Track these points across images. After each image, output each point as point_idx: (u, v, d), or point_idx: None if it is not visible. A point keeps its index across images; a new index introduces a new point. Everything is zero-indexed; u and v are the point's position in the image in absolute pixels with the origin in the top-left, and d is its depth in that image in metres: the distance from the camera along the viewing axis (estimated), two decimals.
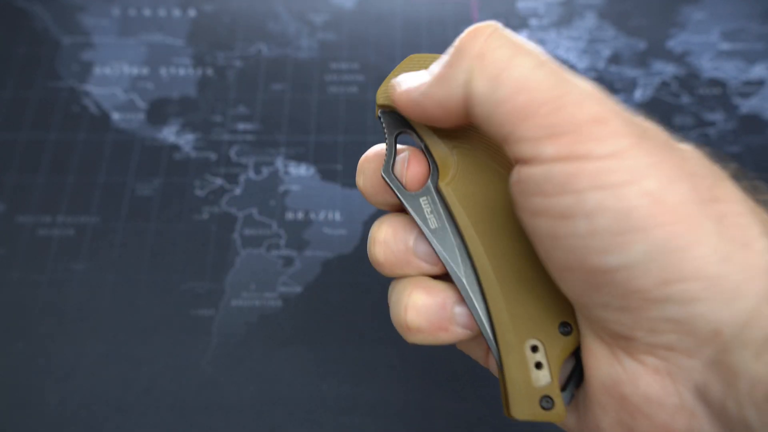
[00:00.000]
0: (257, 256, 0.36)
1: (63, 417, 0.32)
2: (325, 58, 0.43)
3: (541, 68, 0.16)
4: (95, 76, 0.42)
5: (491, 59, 0.17)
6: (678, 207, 0.15)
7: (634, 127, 0.16)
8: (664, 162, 0.15)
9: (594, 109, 0.16)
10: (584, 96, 0.16)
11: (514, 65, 0.16)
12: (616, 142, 0.15)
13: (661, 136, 0.16)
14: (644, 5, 0.46)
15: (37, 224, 0.37)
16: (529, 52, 0.17)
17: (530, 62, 0.16)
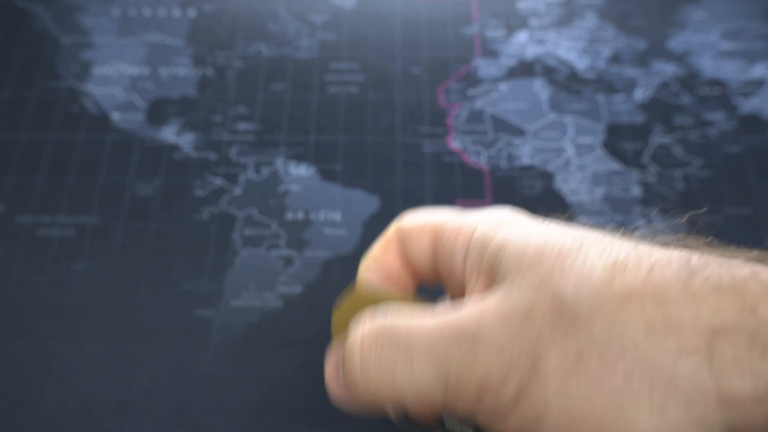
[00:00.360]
0: (257, 256, 0.36)
1: (63, 416, 0.32)
2: (325, 58, 0.43)
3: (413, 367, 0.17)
4: (95, 76, 0.42)
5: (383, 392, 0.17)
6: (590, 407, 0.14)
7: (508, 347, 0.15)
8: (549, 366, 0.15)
9: (473, 375, 0.16)
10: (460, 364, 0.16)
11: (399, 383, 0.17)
12: (508, 390, 0.15)
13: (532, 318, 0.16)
14: (644, 5, 0.46)
15: (37, 224, 0.37)
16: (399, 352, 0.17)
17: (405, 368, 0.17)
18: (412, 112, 0.41)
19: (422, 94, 0.42)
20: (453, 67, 0.43)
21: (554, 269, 0.16)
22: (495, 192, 0.38)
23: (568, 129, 0.41)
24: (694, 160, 0.39)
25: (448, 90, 0.42)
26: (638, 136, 0.40)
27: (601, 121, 0.41)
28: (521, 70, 0.43)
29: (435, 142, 0.40)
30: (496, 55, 0.44)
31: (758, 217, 0.38)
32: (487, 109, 0.41)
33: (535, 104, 0.41)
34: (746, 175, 0.39)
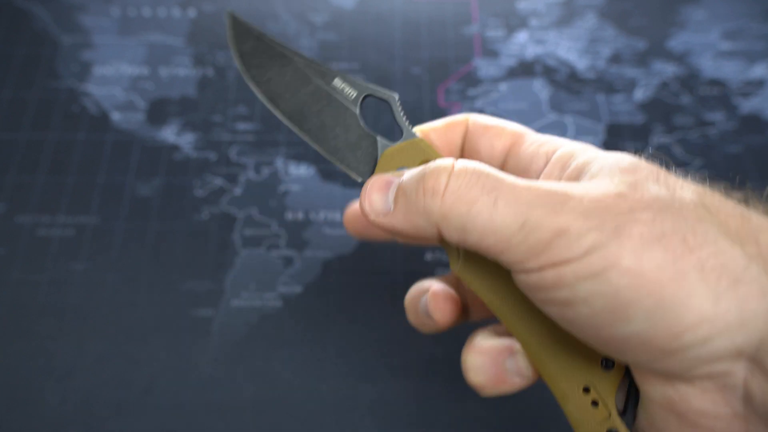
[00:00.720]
0: (257, 256, 0.36)
1: (63, 416, 0.32)
2: (325, 58, 0.43)
3: (495, 206, 0.18)
4: (95, 76, 0.42)
5: (454, 215, 0.19)
6: (657, 273, 0.16)
7: (595, 213, 0.17)
8: (632, 234, 0.17)
9: (553, 222, 0.17)
10: (543, 213, 0.17)
11: (474, 214, 0.18)
12: (583, 242, 0.17)
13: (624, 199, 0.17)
14: (644, 5, 0.46)
15: (37, 224, 0.37)
16: (484, 189, 0.18)
17: (487, 204, 0.18)
18: (412, 112, 0.41)
19: (422, 94, 0.42)
20: (453, 67, 0.43)
21: (648, 178, 0.18)
22: None
23: (568, 129, 0.41)
24: (694, 160, 0.39)
25: (448, 90, 0.42)
26: (638, 136, 0.40)
27: (601, 121, 0.41)
28: (521, 70, 0.43)
29: None
30: (496, 55, 0.44)
31: None
32: (487, 109, 0.41)
33: (535, 104, 0.41)
34: (746, 175, 0.39)
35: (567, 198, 0.18)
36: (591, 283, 0.17)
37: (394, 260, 0.36)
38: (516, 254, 0.18)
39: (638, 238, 0.17)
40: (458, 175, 0.19)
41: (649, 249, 0.16)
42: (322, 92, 0.24)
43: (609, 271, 0.17)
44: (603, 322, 0.17)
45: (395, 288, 0.35)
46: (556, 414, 0.32)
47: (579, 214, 0.17)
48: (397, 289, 0.35)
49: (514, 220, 0.18)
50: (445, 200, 0.19)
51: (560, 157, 0.21)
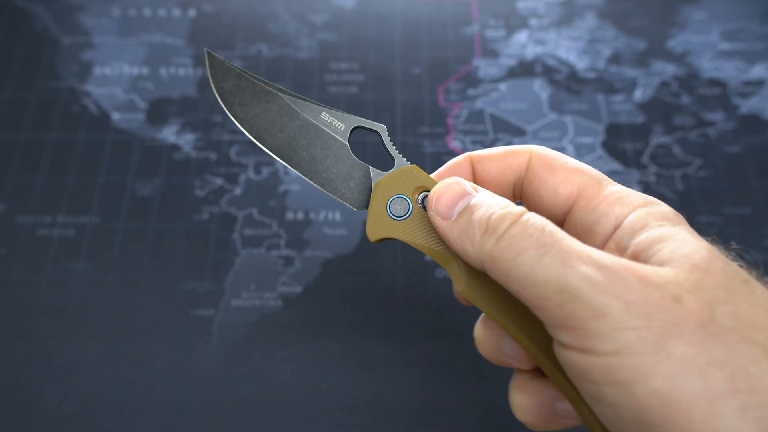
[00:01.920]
0: (257, 256, 0.36)
1: (63, 416, 0.32)
2: (325, 58, 0.43)
3: (541, 259, 0.17)
4: (95, 76, 0.42)
5: (501, 259, 0.18)
6: (691, 407, 0.15)
7: (642, 311, 0.15)
8: (673, 353, 0.15)
9: (593, 302, 0.16)
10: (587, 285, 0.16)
11: (519, 262, 0.17)
12: (618, 338, 0.15)
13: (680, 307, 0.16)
14: (644, 5, 0.46)
15: (37, 224, 0.37)
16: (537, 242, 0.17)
17: (533, 256, 0.17)
18: (412, 112, 0.41)
19: (422, 94, 0.42)
20: (453, 67, 0.43)
21: (717, 285, 0.16)
22: None
23: (568, 129, 0.41)
24: (693, 160, 0.39)
25: (448, 90, 0.42)
26: (638, 136, 0.40)
27: (601, 121, 0.41)
28: (521, 70, 0.43)
29: (435, 142, 0.40)
30: (496, 55, 0.44)
31: (758, 216, 0.38)
32: (487, 109, 0.41)
33: (535, 104, 0.42)
34: (746, 175, 0.39)
35: (618, 278, 0.16)
36: (617, 390, 0.16)
37: (394, 260, 0.36)
38: (551, 318, 0.17)
39: (679, 359, 0.15)
40: (521, 224, 0.18)
41: (687, 376, 0.15)
42: (310, 126, 0.24)
43: (638, 385, 0.15)
44: (629, 426, 0.16)
45: (395, 288, 0.35)
46: None
47: (624, 304, 0.15)
48: (397, 289, 0.35)
49: (556, 279, 0.16)
50: (499, 243, 0.18)
51: (632, 223, 0.19)
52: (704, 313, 0.15)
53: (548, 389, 0.21)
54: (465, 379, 0.33)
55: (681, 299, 0.16)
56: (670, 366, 0.15)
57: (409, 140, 0.40)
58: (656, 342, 0.15)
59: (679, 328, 0.15)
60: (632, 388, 0.15)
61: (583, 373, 0.16)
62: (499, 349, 0.22)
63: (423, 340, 0.34)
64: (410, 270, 0.36)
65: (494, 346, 0.22)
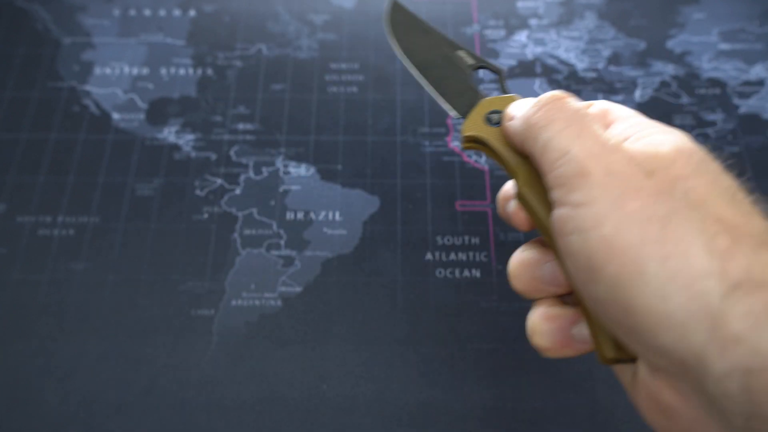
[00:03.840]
0: (257, 256, 0.36)
1: (63, 416, 0.32)
2: (325, 58, 0.43)
3: (561, 133, 0.20)
4: (95, 76, 0.42)
5: (536, 126, 0.22)
6: (626, 250, 0.17)
7: (617, 174, 0.18)
8: (626, 207, 0.17)
9: (582, 163, 0.19)
10: (583, 151, 0.19)
11: (546, 130, 0.21)
12: (589, 193, 0.18)
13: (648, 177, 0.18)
14: (644, 5, 0.46)
15: (38, 224, 0.37)
16: (567, 120, 0.21)
17: (557, 129, 0.21)
18: (412, 112, 0.41)
19: (422, 94, 0.42)
20: None
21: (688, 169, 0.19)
22: (495, 192, 0.38)
23: None
24: None
25: None
26: None
27: None
28: (521, 70, 0.43)
29: (435, 142, 0.40)
30: (496, 55, 0.44)
31: None
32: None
33: None
34: (746, 175, 0.39)
35: (610, 152, 0.19)
36: (578, 238, 0.18)
37: (394, 260, 0.36)
38: (552, 177, 0.20)
39: (628, 212, 0.17)
40: (561, 102, 0.22)
41: (629, 226, 0.17)
42: (448, 56, 0.31)
43: (591, 231, 0.18)
44: (582, 280, 0.19)
45: (395, 288, 0.35)
46: (558, 413, 0.32)
47: (606, 170, 0.18)
48: (397, 289, 0.35)
49: (566, 146, 0.20)
50: (538, 113, 0.22)
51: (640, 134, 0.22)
52: (665, 184, 0.18)
53: (567, 314, 0.23)
54: (465, 379, 0.33)
55: (653, 173, 0.18)
56: (619, 216, 0.17)
57: (409, 140, 0.40)
58: (617, 199, 0.18)
59: (638, 192, 0.18)
60: (588, 233, 0.18)
61: (560, 226, 0.19)
62: (536, 277, 0.24)
63: (423, 340, 0.34)
64: (410, 270, 0.36)
65: (531, 275, 0.24)
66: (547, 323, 0.23)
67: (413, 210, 0.38)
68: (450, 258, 0.36)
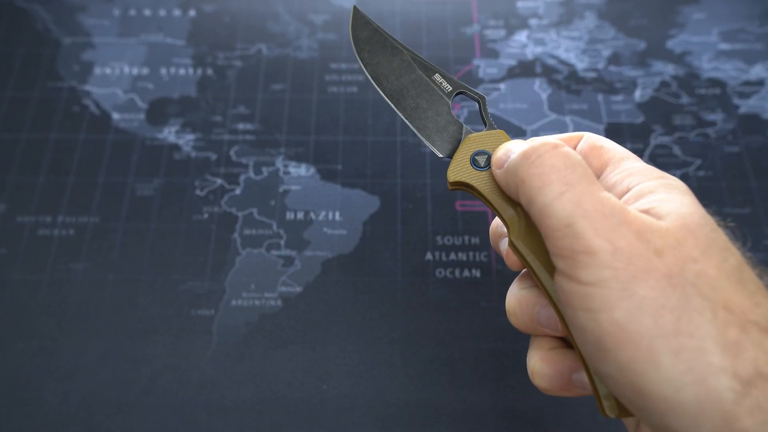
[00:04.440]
0: (257, 256, 0.36)
1: (63, 416, 0.32)
2: (325, 58, 0.43)
3: (561, 197, 0.20)
4: (95, 76, 0.42)
5: (528, 185, 0.21)
6: (639, 338, 0.17)
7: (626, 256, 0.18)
8: (637, 294, 0.18)
9: (589, 241, 0.19)
10: (589, 226, 0.19)
11: (543, 193, 0.20)
12: (599, 273, 0.18)
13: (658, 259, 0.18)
14: (644, 5, 0.46)
15: (38, 224, 0.37)
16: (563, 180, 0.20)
17: (555, 191, 0.20)
18: None
19: None
20: (453, 67, 0.43)
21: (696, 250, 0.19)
22: None
23: (568, 129, 0.41)
24: (693, 161, 0.40)
25: None
26: (638, 136, 0.40)
27: (600, 121, 0.41)
28: (521, 70, 0.43)
29: None
30: (496, 55, 0.44)
31: (757, 216, 0.38)
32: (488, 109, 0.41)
33: (535, 104, 0.42)
34: (745, 175, 0.39)
35: (616, 228, 0.18)
36: (586, 316, 0.18)
37: (394, 260, 0.36)
38: (554, 246, 0.20)
39: (639, 300, 0.17)
40: (555, 155, 0.21)
41: (643, 314, 0.17)
42: (423, 81, 0.28)
43: (603, 313, 0.18)
44: (587, 353, 0.19)
45: (395, 288, 0.36)
46: (557, 413, 0.32)
47: (613, 249, 0.18)
48: (397, 289, 0.35)
49: (566, 216, 0.19)
50: (530, 169, 0.21)
51: (641, 189, 0.21)
52: (675, 267, 0.18)
53: (567, 360, 0.23)
54: (465, 379, 0.33)
55: (662, 253, 0.18)
56: (631, 302, 0.17)
57: (409, 140, 0.40)
58: (627, 282, 0.18)
59: (649, 274, 0.18)
60: (598, 315, 0.18)
61: (566, 298, 0.19)
62: (534, 318, 0.24)
63: (423, 340, 0.34)
64: (410, 270, 0.36)
65: (529, 316, 0.24)
66: (547, 366, 0.23)
67: (413, 210, 0.38)
68: (450, 258, 0.36)
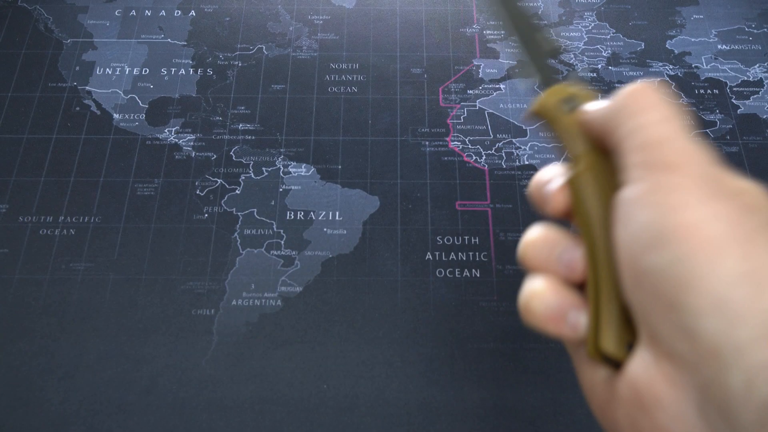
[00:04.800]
0: (257, 256, 0.36)
1: (64, 415, 0.32)
2: (325, 58, 0.43)
3: (674, 133, 0.20)
4: (96, 76, 0.42)
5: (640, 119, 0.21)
6: (710, 239, 0.17)
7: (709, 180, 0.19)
8: (715, 206, 0.18)
9: (680, 158, 0.19)
10: (684, 152, 0.19)
11: (654, 126, 0.20)
12: (680, 181, 0.18)
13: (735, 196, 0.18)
14: (644, 6, 0.46)
15: (39, 224, 0.37)
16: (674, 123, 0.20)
17: (667, 128, 0.20)
18: (412, 112, 0.41)
19: (422, 94, 0.42)
20: (453, 67, 0.43)
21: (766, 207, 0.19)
22: (495, 192, 0.38)
23: None
24: None
25: (448, 90, 0.42)
26: None
27: None
28: (521, 70, 0.43)
29: (435, 142, 0.40)
30: (496, 55, 0.44)
31: None
32: (487, 109, 0.41)
33: None
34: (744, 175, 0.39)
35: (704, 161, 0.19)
36: (653, 211, 0.18)
37: (394, 260, 0.36)
38: (639, 160, 0.20)
39: (716, 211, 0.18)
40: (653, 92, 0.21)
41: (715, 222, 0.17)
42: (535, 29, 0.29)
43: (673, 212, 0.18)
44: (637, 248, 0.19)
45: (395, 288, 0.36)
46: (555, 413, 0.32)
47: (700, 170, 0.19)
48: (397, 289, 0.36)
49: (660, 136, 0.19)
50: (631, 98, 0.21)
51: None
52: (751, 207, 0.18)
53: (571, 297, 0.22)
54: (465, 379, 0.33)
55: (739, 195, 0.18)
56: (706, 211, 0.18)
57: (409, 140, 0.40)
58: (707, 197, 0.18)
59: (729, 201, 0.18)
60: (667, 212, 0.18)
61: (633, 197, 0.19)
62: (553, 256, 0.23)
63: (423, 340, 0.34)
64: (410, 270, 0.36)
65: (549, 252, 0.23)
66: (550, 294, 0.22)
67: (413, 210, 0.38)
68: (450, 258, 0.36)
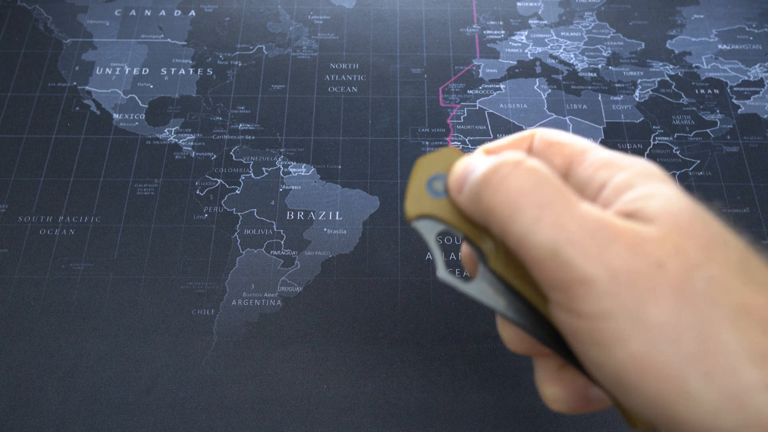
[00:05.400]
0: (257, 256, 0.36)
1: (64, 416, 0.32)
2: (325, 58, 0.43)
3: (537, 224, 0.17)
4: (96, 76, 0.42)
5: (498, 215, 0.18)
6: (663, 368, 0.16)
7: (625, 278, 0.16)
8: (648, 319, 0.16)
9: (581, 270, 0.16)
10: (577, 253, 0.17)
11: (516, 222, 0.18)
12: (600, 304, 0.16)
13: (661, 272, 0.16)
14: (644, 6, 0.46)
15: (39, 224, 0.37)
16: (535, 202, 0.18)
17: (530, 218, 0.17)
18: (412, 112, 0.41)
19: (422, 94, 0.42)
20: (453, 67, 0.43)
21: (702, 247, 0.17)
22: None
23: (568, 129, 0.41)
24: (693, 161, 0.40)
25: (448, 90, 0.42)
26: (637, 136, 0.40)
27: (600, 122, 0.41)
28: (521, 70, 0.43)
29: (435, 142, 0.40)
30: (496, 55, 0.44)
31: (757, 216, 0.38)
32: (487, 109, 0.41)
33: (535, 104, 0.42)
34: (744, 175, 0.39)
35: (608, 245, 0.16)
36: (599, 351, 0.16)
37: (394, 260, 0.36)
38: (543, 278, 0.17)
39: (654, 325, 0.16)
40: (520, 175, 0.18)
41: (661, 341, 0.16)
42: None
43: (616, 347, 0.16)
44: (611, 389, 0.17)
45: (395, 288, 0.36)
46: (554, 414, 0.32)
47: (610, 273, 0.16)
48: (397, 289, 0.36)
49: (548, 244, 0.17)
50: (496, 196, 0.18)
51: (617, 185, 0.19)
52: (682, 279, 0.16)
53: (578, 378, 0.21)
54: (465, 379, 0.33)
55: (663, 264, 0.16)
56: (645, 331, 0.16)
57: (409, 140, 0.40)
58: (634, 308, 0.16)
59: (656, 294, 0.16)
60: (611, 350, 0.16)
61: (570, 333, 0.17)
62: (535, 343, 0.22)
63: (423, 340, 0.34)
64: (410, 270, 0.36)
65: (530, 341, 0.22)
66: (560, 389, 0.21)
67: None
68: (450, 258, 0.36)
